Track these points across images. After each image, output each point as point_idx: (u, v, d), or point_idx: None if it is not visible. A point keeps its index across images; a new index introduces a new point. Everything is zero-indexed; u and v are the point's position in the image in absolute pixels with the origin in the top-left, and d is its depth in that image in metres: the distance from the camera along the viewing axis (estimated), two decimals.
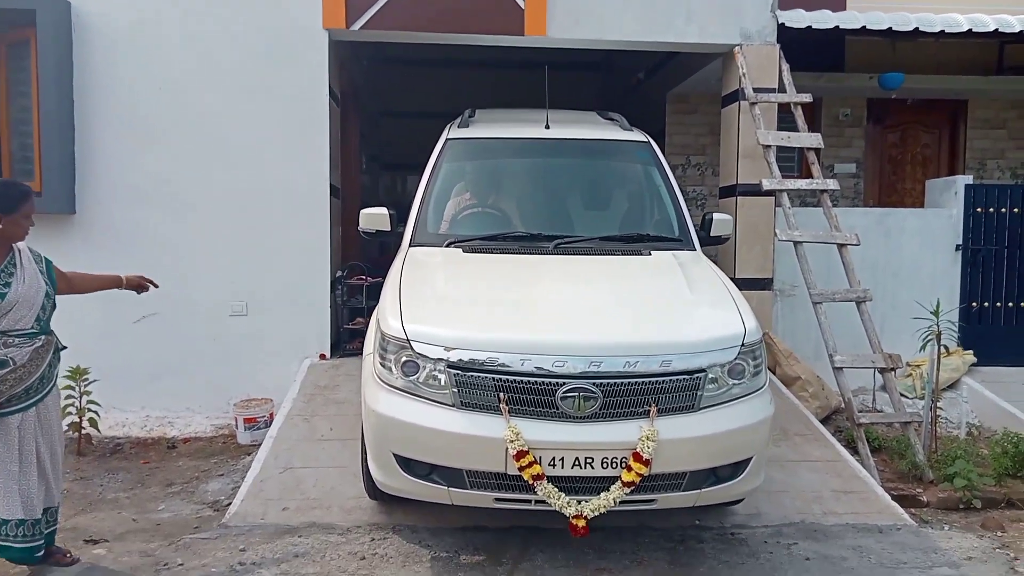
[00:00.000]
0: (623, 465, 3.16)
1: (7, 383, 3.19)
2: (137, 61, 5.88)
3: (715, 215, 4.69)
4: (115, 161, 5.89)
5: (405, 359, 3.33)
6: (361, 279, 6.35)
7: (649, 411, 3.22)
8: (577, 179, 4.97)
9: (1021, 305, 7.00)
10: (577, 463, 3.18)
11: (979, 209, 6.93)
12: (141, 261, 5.83)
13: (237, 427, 5.51)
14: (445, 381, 3.24)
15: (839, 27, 6.39)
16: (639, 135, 5.08)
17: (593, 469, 3.19)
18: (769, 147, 6.04)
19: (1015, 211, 6.93)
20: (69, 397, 5.12)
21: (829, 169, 8.26)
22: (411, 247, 4.32)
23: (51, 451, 3.39)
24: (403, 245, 4.39)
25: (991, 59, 8.30)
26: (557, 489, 3.15)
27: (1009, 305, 7.00)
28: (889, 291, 6.82)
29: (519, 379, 3.20)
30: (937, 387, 5.56)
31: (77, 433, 5.27)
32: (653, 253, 4.25)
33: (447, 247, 4.25)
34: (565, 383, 3.18)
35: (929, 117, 8.75)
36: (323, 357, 6.08)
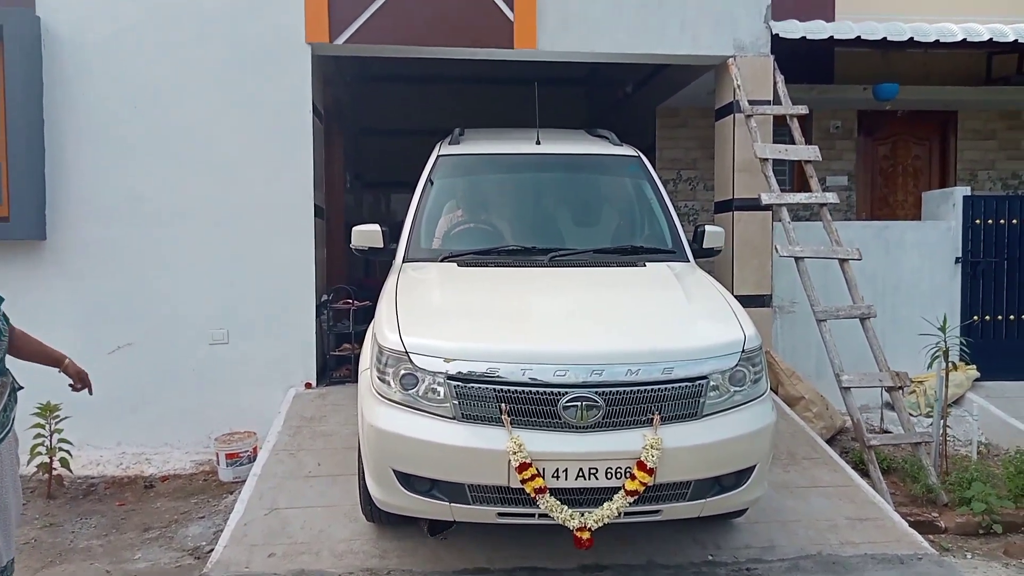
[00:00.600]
0: (627, 475, 3.11)
1: None
2: (112, 76, 5.64)
3: (707, 227, 4.66)
4: (88, 182, 5.63)
5: (404, 372, 3.25)
6: (348, 303, 6.12)
7: (652, 419, 3.16)
8: (570, 193, 4.94)
9: (1023, 318, 6.89)
10: (581, 474, 3.13)
11: (978, 221, 6.85)
12: (116, 288, 5.66)
13: (219, 463, 5.23)
14: (445, 393, 3.18)
15: (834, 37, 6.28)
16: (630, 150, 5.06)
17: (597, 480, 3.14)
18: (766, 160, 5.90)
19: (1014, 222, 6.85)
20: (38, 436, 4.83)
21: (822, 182, 8.15)
22: (405, 263, 4.27)
23: (2, 504, 2.96)
24: (396, 261, 4.35)
25: (980, 69, 8.30)
26: (559, 502, 3.10)
27: (1011, 318, 6.90)
28: (889, 305, 6.72)
29: (520, 390, 3.15)
30: (945, 405, 5.42)
31: (47, 474, 4.95)
32: (648, 264, 4.23)
33: (442, 262, 4.20)
34: (567, 392, 3.13)
35: (920, 128, 8.72)
36: (308, 386, 5.82)
